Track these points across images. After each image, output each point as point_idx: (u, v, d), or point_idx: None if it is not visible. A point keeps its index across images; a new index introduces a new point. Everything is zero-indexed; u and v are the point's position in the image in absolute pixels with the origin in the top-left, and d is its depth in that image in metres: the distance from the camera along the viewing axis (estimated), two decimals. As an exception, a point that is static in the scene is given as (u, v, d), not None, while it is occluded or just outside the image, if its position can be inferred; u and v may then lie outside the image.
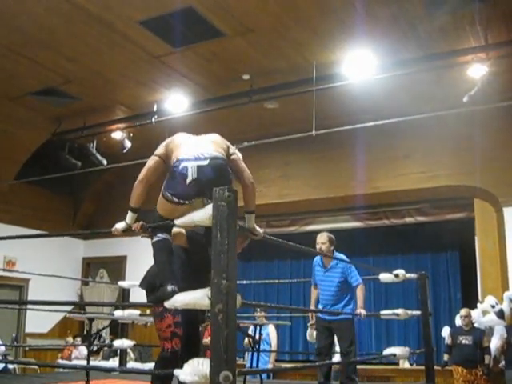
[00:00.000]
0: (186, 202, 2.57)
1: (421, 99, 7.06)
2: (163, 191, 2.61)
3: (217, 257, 1.88)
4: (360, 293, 4.83)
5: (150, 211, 2.82)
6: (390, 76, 6.32)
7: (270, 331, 7.12)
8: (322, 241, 4.93)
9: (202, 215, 2.00)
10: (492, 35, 5.67)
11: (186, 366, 1.86)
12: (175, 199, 2.56)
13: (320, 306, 5.08)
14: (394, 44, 6.00)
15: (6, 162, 8.75)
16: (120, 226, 2.71)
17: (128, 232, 2.73)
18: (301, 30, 5.88)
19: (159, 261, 2.66)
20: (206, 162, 2.52)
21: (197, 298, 1.87)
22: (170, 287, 2.48)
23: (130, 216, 2.71)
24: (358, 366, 6.97)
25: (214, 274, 1.86)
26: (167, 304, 2.22)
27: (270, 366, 6.94)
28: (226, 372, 1.75)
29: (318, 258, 5.14)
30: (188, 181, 2.50)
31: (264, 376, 5.97)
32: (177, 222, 2.38)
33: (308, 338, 7.11)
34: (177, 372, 1.90)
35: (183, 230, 2.94)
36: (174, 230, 2.77)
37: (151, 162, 2.74)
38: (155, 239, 2.69)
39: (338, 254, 4.98)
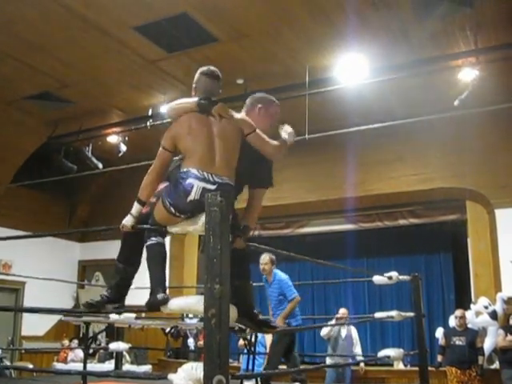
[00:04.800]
0: (182, 215, 2.51)
1: (412, 103, 7.13)
2: (163, 197, 2.55)
3: (210, 262, 1.89)
4: (289, 305, 5.47)
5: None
6: (381, 80, 6.40)
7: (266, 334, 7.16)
8: (264, 262, 5.56)
9: (196, 224, 2.01)
10: (482, 40, 5.75)
11: (179, 370, 1.88)
12: (172, 209, 2.50)
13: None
14: (385, 49, 6.07)
15: (2, 166, 8.76)
16: (128, 222, 2.63)
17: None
18: (293, 35, 5.95)
19: (151, 266, 2.60)
20: (212, 187, 2.44)
21: (191, 303, 1.87)
22: (160, 295, 2.45)
23: (136, 208, 2.63)
24: (354, 367, 7.34)
25: (208, 279, 1.87)
26: (163, 309, 2.22)
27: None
28: (220, 376, 1.76)
29: (264, 276, 5.76)
30: (189, 199, 2.45)
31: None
32: (170, 229, 2.38)
33: None
34: (170, 376, 1.91)
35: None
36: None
37: (160, 155, 2.66)
38: (149, 242, 2.61)
39: (276, 272, 5.63)
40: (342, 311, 7.44)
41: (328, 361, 7.41)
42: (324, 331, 7.36)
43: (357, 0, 5.34)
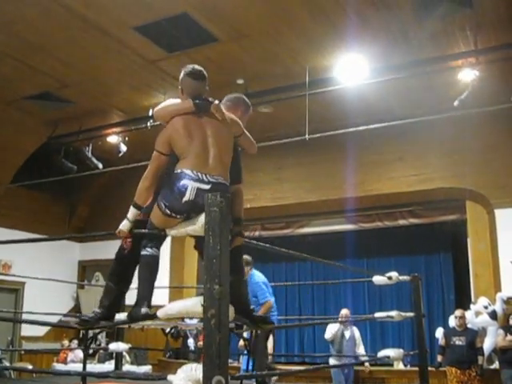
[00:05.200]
0: (178, 216, 2.51)
1: (412, 103, 7.13)
2: (159, 199, 2.56)
3: (209, 262, 1.89)
4: (262, 309, 5.40)
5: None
6: (381, 80, 6.40)
7: (266, 334, 7.15)
8: None
9: (195, 225, 2.00)
10: (481, 40, 5.75)
11: (179, 371, 1.87)
12: (167, 211, 2.50)
13: None
14: (385, 49, 6.07)
15: (2, 166, 8.75)
16: (124, 226, 2.63)
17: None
18: (294, 36, 5.95)
19: (141, 277, 2.59)
20: (207, 187, 2.46)
21: (189, 305, 1.87)
22: (143, 309, 2.45)
23: (133, 213, 2.63)
24: (359, 368, 7.37)
25: (207, 279, 1.87)
26: (160, 315, 2.20)
27: (264, 369, 7.03)
28: (219, 377, 1.76)
29: None
30: (184, 200, 2.45)
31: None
32: (169, 232, 2.38)
33: None
34: (170, 377, 1.91)
35: None
36: None
37: (155, 159, 2.66)
38: (144, 252, 2.61)
39: (254, 272, 5.60)
40: (345, 312, 7.43)
41: (332, 362, 7.40)
42: (329, 334, 7.34)
43: (357, 0, 5.34)
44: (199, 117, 2.64)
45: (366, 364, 7.36)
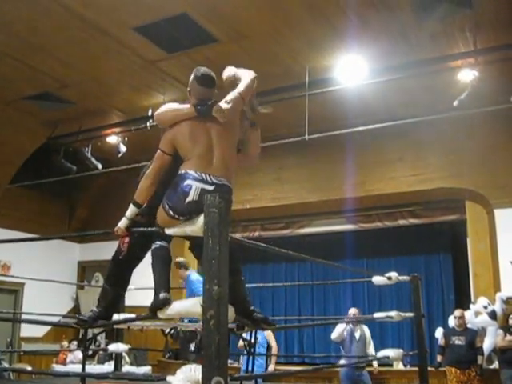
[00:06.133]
0: (181, 218, 2.51)
1: (412, 103, 7.13)
2: (164, 200, 2.57)
3: (208, 263, 1.89)
4: None
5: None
6: (381, 81, 6.40)
7: (267, 334, 7.15)
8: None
9: (194, 225, 2.00)
10: (481, 41, 5.75)
11: (178, 372, 1.87)
12: (171, 212, 2.51)
13: None
14: (385, 49, 6.08)
15: (1, 166, 8.75)
16: (122, 224, 2.65)
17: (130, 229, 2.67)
18: (294, 36, 5.95)
19: (155, 269, 2.63)
20: (210, 188, 2.47)
21: (188, 306, 1.87)
22: (162, 295, 2.46)
23: (132, 210, 2.64)
24: (368, 368, 7.25)
25: (206, 280, 1.88)
26: (160, 314, 2.21)
27: (271, 366, 7.07)
28: (218, 378, 1.76)
29: None
30: (187, 200, 2.46)
31: (259, 379, 6.03)
32: (168, 231, 2.38)
33: None
34: (169, 378, 1.91)
35: None
36: None
37: (158, 158, 2.66)
38: (153, 246, 2.65)
39: (191, 273, 6.01)
40: (353, 311, 7.30)
41: (342, 362, 7.32)
42: (335, 333, 7.21)
43: (356, 1, 5.34)
44: (204, 120, 2.65)
45: (375, 364, 7.28)
